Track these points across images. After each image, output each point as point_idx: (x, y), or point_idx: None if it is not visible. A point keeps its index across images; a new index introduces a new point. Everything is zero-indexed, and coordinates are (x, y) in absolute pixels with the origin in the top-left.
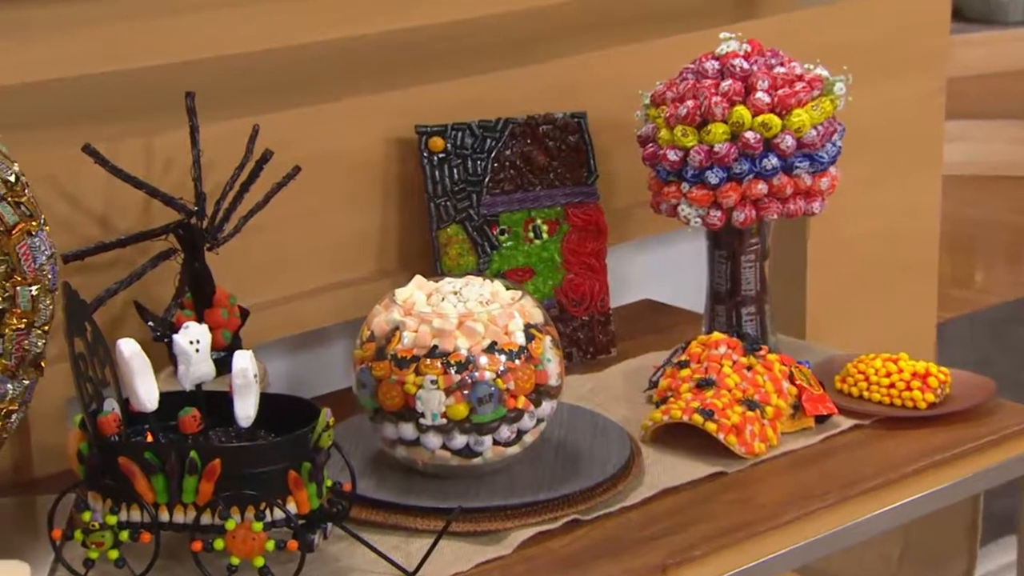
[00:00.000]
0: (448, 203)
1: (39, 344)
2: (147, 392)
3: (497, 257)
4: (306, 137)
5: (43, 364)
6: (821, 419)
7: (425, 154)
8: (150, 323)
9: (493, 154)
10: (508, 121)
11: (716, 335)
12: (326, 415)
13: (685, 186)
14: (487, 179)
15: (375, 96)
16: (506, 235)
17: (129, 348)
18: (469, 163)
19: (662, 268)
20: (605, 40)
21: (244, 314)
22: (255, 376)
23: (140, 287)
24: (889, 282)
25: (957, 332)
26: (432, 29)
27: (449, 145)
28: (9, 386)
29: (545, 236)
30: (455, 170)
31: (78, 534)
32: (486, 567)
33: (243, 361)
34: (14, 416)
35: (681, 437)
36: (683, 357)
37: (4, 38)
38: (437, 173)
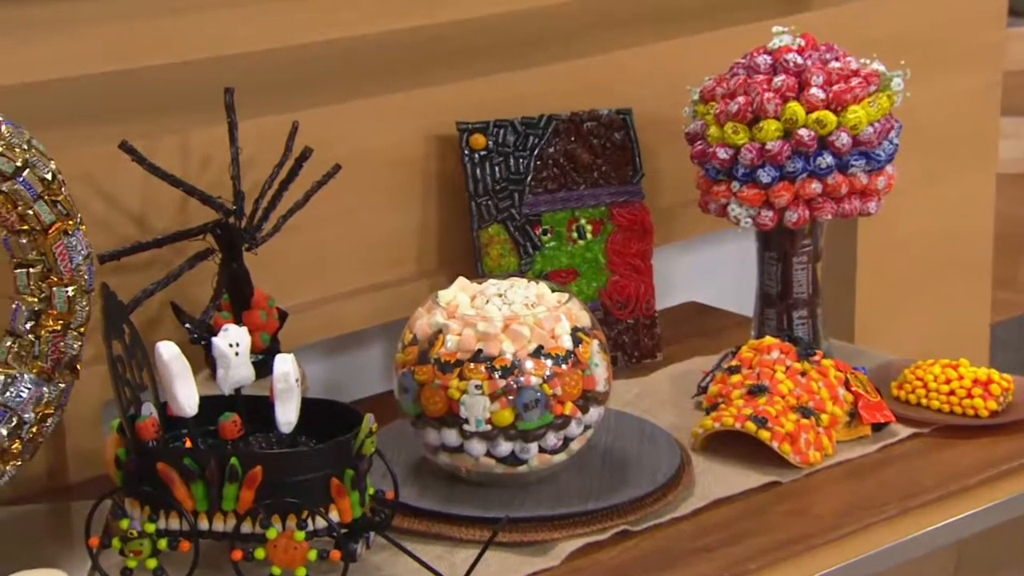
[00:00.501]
0: (489, 202)
1: (75, 346)
2: (187, 396)
3: (540, 258)
4: (343, 134)
5: (79, 367)
6: (878, 427)
7: (466, 151)
8: (187, 325)
9: (536, 151)
10: (551, 118)
11: (768, 339)
12: (369, 421)
13: (735, 185)
14: (530, 177)
15: (414, 92)
16: (549, 235)
17: (168, 351)
18: (511, 161)
19: (706, 269)
20: (648, 34)
21: (283, 316)
22: (297, 380)
23: (176, 288)
24: (940, 283)
25: (1006, 335)
26: (468, 24)
27: (491, 142)
28: (45, 389)
29: (589, 236)
30: (497, 168)
31: (116, 542)
32: None
33: (285, 365)
34: (50, 420)
35: (732, 445)
36: (733, 362)
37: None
38: (478, 171)
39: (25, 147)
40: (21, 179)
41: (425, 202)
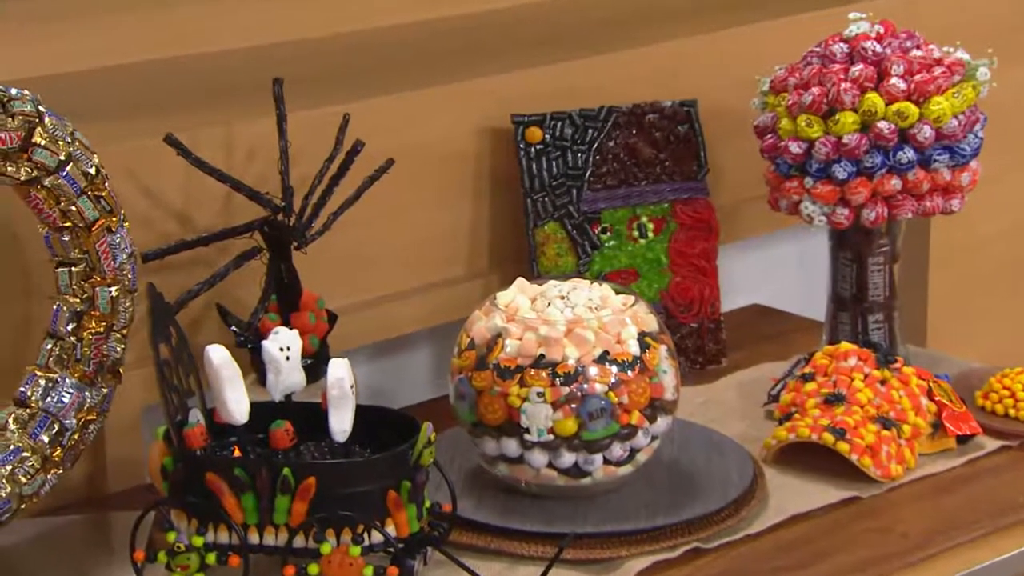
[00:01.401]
0: (546, 199)
1: (118, 349)
2: (237, 403)
3: (599, 258)
4: (391, 128)
5: (121, 371)
6: (963, 439)
7: (522, 146)
8: (233, 328)
9: (595, 146)
10: (612, 110)
11: (844, 345)
12: (427, 430)
13: (809, 181)
14: (588, 173)
15: (466, 83)
16: (608, 234)
17: (218, 355)
18: (569, 155)
19: (764, 270)
20: (714, 22)
21: (332, 318)
22: (352, 387)
23: (218, 289)
24: (1018, 285)
25: None
26: (523, 10)
27: (547, 136)
28: (87, 394)
29: (651, 235)
30: (554, 163)
31: (162, 556)
32: None
33: (340, 370)
34: (92, 426)
35: (806, 457)
36: (807, 369)
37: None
38: (534, 166)
39: (69, 140)
40: (64, 174)
41: (477, 199)
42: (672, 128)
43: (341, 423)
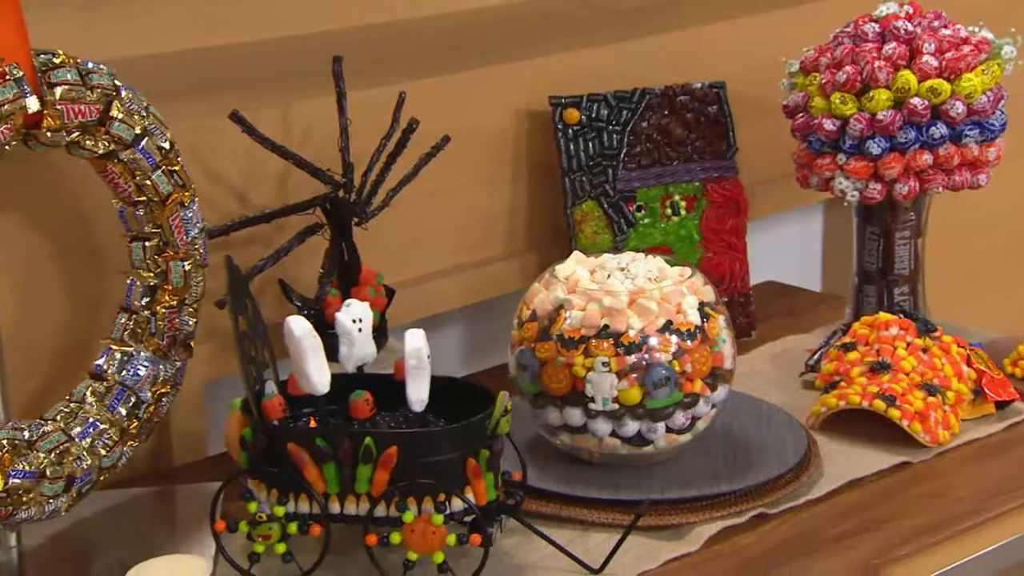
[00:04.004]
0: (583, 178)
1: (190, 323)
2: (319, 374)
3: (634, 235)
4: (435, 110)
5: (192, 344)
6: (1002, 405)
7: (560, 126)
8: (297, 302)
9: (629, 126)
10: (645, 92)
11: (884, 315)
12: (504, 399)
13: (841, 157)
14: (623, 153)
15: (503, 66)
16: (643, 212)
17: (300, 326)
18: (604, 136)
19: (770, 248)
20: (735, 9)
21: (390, 293)
22: (428, 357)
23: (274, 266)
24: (1009, 264)
25: None
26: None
27: (584, 117)
28: (161, 367)
29: (683, 212)
30: (590, 143)
31: (243, 525)
32: (674, 565)
33: (417, 340)
34: (165, 400)
35: (850, 424)
36: (847, 339)
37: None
38: (572, 147)
39: (144, 114)
40: (140, 147)
41: (514, 180)
42: (702, 109)
43: (418, 392)
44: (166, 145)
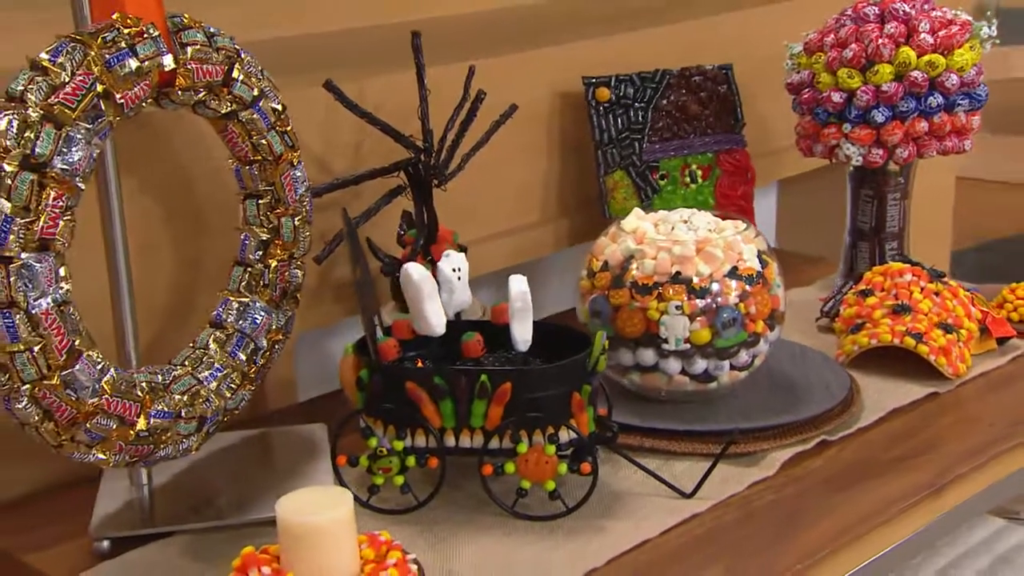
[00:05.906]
0: (613, 150)
1: (299, 275)
2: (436, 316)
3: (658, 200)
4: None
5: (299, 296)
6: (1002, 341)
7: (592, 103)
8: (384, 259)
9: (652, 103)
10: (664, 72)
11: (896, 264)
12: (602, 338)
13: (847, 127)
14: (647, 127)
15: (543, 50)
16: (665, 180)
17: (418, 272)
18: (631, 112)
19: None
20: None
21: (462, 251)
22: (530, 300)
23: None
24: None
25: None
26: None
27: (613, 95)
28: (274, 316)
29: (700, 180)
30: (619, 119)
31: (363, 460)
32: (757, 487)
33: (521, 284)
34: (278, 347)
35: (872, 360)
36: (862, 286)
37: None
38: (603, 122)
39: (260, 77)
40: (258, 108)
41: (549, 153)
42: (714, 88)
43: (523, 333)
44: (279, 107)
